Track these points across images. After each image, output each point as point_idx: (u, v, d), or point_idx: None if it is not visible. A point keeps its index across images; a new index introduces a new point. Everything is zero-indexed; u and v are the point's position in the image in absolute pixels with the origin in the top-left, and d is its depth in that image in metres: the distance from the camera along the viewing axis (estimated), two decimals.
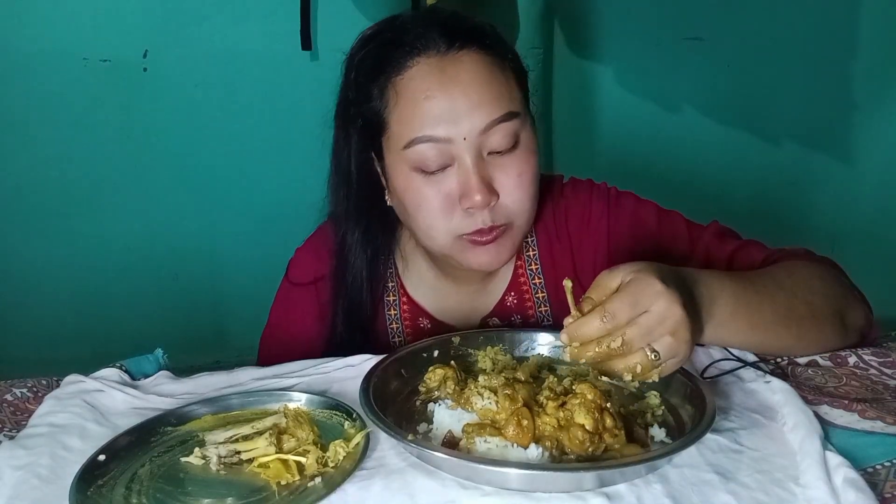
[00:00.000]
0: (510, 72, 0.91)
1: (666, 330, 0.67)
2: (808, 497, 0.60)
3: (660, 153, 2.65)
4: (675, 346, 0.67)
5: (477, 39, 0.89)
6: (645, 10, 2.57)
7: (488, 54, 0.89)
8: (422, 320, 1.06)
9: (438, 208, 0.89)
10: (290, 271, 1.11)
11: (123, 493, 0.64)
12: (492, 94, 0.87)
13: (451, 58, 0.87)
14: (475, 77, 0.86)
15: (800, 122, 2.69)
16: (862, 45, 2.62)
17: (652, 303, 0.66)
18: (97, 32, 2.28)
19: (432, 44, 0.88)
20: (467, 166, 0.86)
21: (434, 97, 0.86)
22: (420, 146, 0.87)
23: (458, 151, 0.86)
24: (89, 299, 2.44)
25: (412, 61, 0.88)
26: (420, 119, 0.86)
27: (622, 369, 0.68)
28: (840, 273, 0.94)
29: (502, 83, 0.89)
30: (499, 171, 0.88)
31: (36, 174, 2.34)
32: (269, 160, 2.44)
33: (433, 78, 0.86)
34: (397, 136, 0.89)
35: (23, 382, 0.87)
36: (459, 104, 0.85)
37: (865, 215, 2.72)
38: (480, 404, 0.68)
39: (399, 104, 0.88)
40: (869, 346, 0.89)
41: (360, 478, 0.64)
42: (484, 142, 0.87)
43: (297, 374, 0.86)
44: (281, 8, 2.36)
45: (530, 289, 1.05)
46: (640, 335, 0.66)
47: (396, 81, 0.88)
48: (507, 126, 0.87)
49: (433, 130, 0.86)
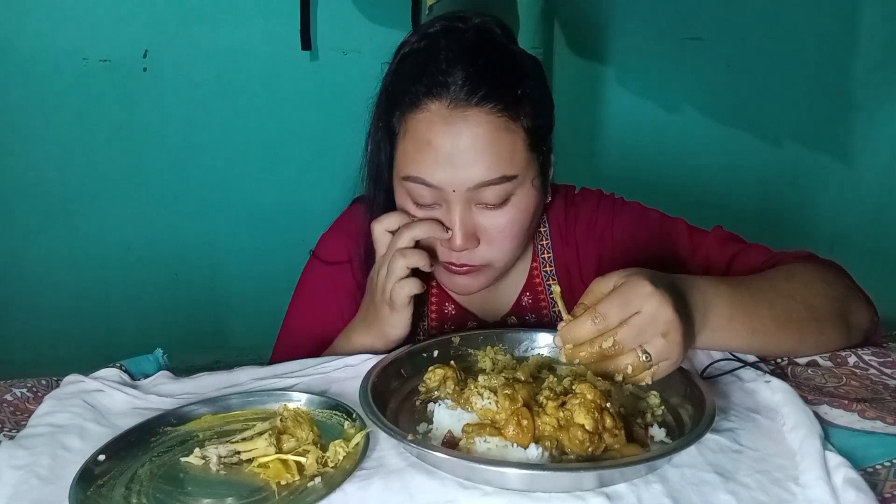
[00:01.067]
0: (521, 133, 0.90)
1: (657, 331, 0.68)
2: (808, 497, 0.60)
3: (660, 153, 2.65)
4: (667, 347, 0.68)
5: (495, 97, 0.88)
6: (645, 10, 2.58)
7: (501, 116, 0.88)
8: (447, 305, 1.08)
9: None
10: (319, 252, 1.11)
11: (123, 493, 0.64)
12: (490, 158, 0.88)
13: (462, 112, 0.87)
14: (478, 139, 0.87)
15: (800, 122, 2.70)
16: (862, 45, 2.63)
17: (642, 304, 0.68)
18: (97, 32, 2.28)
19: (451, 90, 0.88)
20: (454, 214, 0.90)
21: (436, 148, 0.88)
22: (415, 184, 0.91)
23: (448, 198, 0.90)
24: (89, 299, 2.44)
25: (426, 104, 0.89)
26: (419, 161, 0.89)
27: (613, 370, 0.69)
28: (844, 275, 0.95)
29: (506, 147, 0.89)
30: (485, 221, 0.91)
31: (36, 174, 2.34)
32: (269, 160, 2.44)
33: (438, 129, 0.88)
34: (400, 164, 0.93)
35: (23, 382, 0.87)
36: (457, 160, 0.87)
37: (865, 215, 2.72)
38: (480, 404, 0.68)
39: (406, 139, 0.91)
40: (867, 344, 0.90)
41: (360, 478, 0.64)
42: (474, 196, 0.90)
43: (296, 374, 0.87)
44: (281, 8, 2.36)
45: (545, 289, 1.07)
46: (630, 336, 0.68)
47: (409, 117, 0.91)
48: (498, 188, 0.89)
49: (428, 176, 0.89)
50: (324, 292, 1.09)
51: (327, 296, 1.09)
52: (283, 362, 0.90)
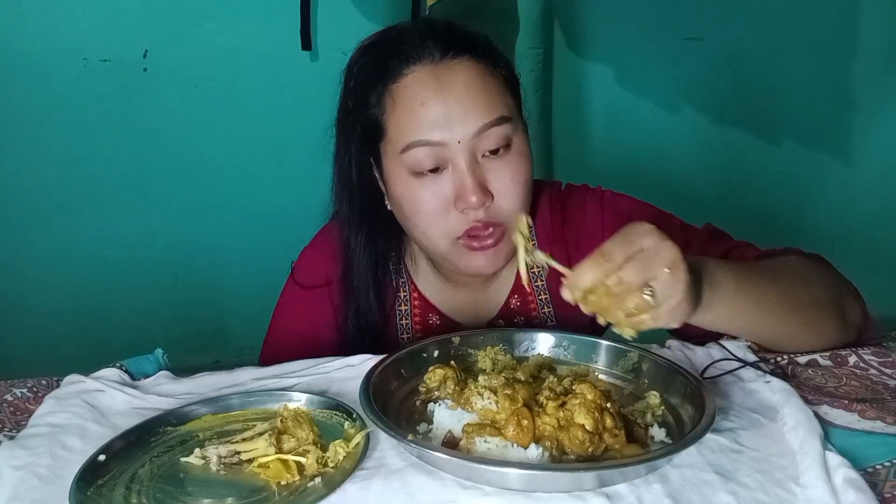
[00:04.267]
0: (502, 79, 0.94)
1: (662, 264, 0.66)
2: (808, 497, 0.60)
3: (659, 153, 2.65)
4: (671, 283, 0.67)
5: (470, 48, 0.92)
6: (645, 10, 2.58)
7: (481, 62, 0.92)
8: (431, 316, 1.07)
9: (434, 211, 0.91)
10: (297, 273, 1.09)
11: (123, 494, 0.64)
12: (484, 100, 0.90)
13: (446, 66, 0.90)
14: (468, 84, 0.90)
15: (800, 122, 2.70)
16: (862, 45, 2.62)
17: (644, 240, 0.67)
18: (97, 32, 2.28)
19: (427, 52, 0.91)
20: (462, 169, 0.89)
21: (429, 104, 0.89)
22: (416, 150, 0.90)
23: (452, 155, 0.89)
24: (89, 299, 2.44)
25: (408, 69, 0.91)
26: (416, 124, 0.90)
27: (620, 313, 0.67)
28: (833, 269, 0.95)
29: (494, 90, 0.92)
30: (492, 175, 0.91)
31: (36, 174, 2.34)
32: (269, 160, 2.44)
33: (428, 85, 0.90)
34: (394, 141, 0.92)
35: (23, 382, 0.87)
36: (453, 110, 0.89)
37: (865, 215, 2.72)
38: (480, 404, 0.68)
39: (396, 110, 0.91)
40: (867, 344, 0.89)
41: (360, 478, 0.64)
42: (477, 145, 0.90)
43: (297, 374, 0.87)
44: (281, 8, 2.36)
45: (533, 291, 1.06)
46: (635, 271, 0.66)
47: (393, 89, 0.92)
48: (499, 130, 0.90)
49: (428, 135, 0.89)
50: (300, 318, 1.08)
51: (303, 322, 1.07)
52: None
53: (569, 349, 0.86)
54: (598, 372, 0.83)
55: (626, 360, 0.83)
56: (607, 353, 0.84)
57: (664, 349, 0.90)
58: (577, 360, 0.85)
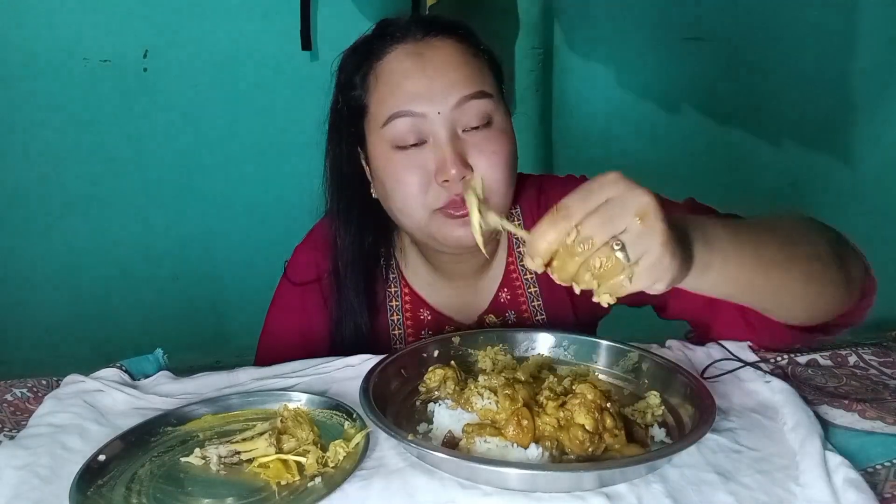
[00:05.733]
0: (484, 61, 0.96)
1: (631, 213, 0.56)
2: (808, 497, 0.60)
3: (659, 153, 2.65)
4: (645, 234, 0.56)
5: (451, 32, 0.95)
6: (645, 11, 2.57)
7: (462, 43, 0.95)
8: (422, 311, 1.07)
9: (415, 184, 0.91)
10: (289, 271, 1.10)
11: (123, 494, 0.64)
12: (465, 74, 0.92)
13: (427, 43, 0.93)
14: (449, 59, 0.92)
15: (800, 122, 2.69)
16: (862, 45, 2.62)
17: (609, 190, 0.57)
18: (97, 32, 2.28)
19: (410, 32, 0.94)
20: (442, 141, 0.90)
21: (411, 77, 0.91)
22: (397, 121, 0.91)
23: (433, 128, 0.90)
24: (89, 299, 2.44)
25: (391, 48, 0.94)
26: (397, 97, 0.91)
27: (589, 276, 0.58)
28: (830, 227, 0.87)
29: (475, 67, 0.94)
30: (473, 149, 0.91)
31: (36, 174, 2.34)
32: (269, 160, 2.44)
33: (410, 60, 0.92)
34: (376, 115, 0.94)
35: (23, 382, 0.87)
36: (435, 83, 0.90)
37: (865, 215, 2.72)
38: (480, 404, 0.68)
39: (378, 86, 0.93)
40: (867, 343, 0.89)
41: (360, 478, 0.64)
42: (458, 118, 0.91)
43: (297, 374, 0.87)
44: (281, 8, 2.36)
45: (522, 284, 1.07)
46: (597, 224, 0.56)
47: (376, 66, 0.94)
48: (479, 103, 0.91)
49: (409, 106, 0.90)
50: (296, 312, 1.08)
51: (300, 315, 1.08)
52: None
53: (569, 349, 0.86)
54: (598, 372, 0.83)
55: (626, 360, 0.83)
56: (607, 353, 0.84)
57: (664, 349, 0.91)
58: (577, 360, 0.86)
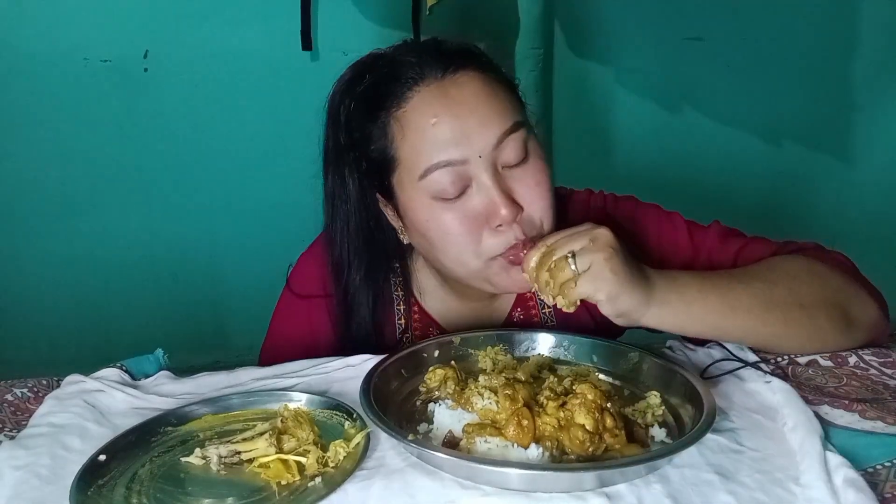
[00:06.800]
0: (505, 85, 0.91)
1: (587, 237, 0.76)
2: (808, 497, 0.60)
3: (660, 153, 2.65)
4: (592, 251, 0.76)
5: (469, 60, 0.89)
6: (645, 10, 2.57)
7: (483, 72, 0.88)
8: (432, 330, 1.04)
9: (466, 233, 0.86)
10: (293, 282, 1.07)
11: (123, 494, 0.64)
12: (497, 109, 0.86)
13: (451, 81, 0.86)
14: (478, 94, 0.86)
15: (800, 122, 2.69)
16: (862, 45, 2.62)
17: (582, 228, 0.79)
18: (97, 32, 2.28)
19: (428, 71, 0.86)
20: (487, 184, 0.84)
21: (442, 121, 0.84)
22: (436, 173, 0.84)
23: (474, 171, 0.85)
24: (89, 299, 2.44)
25: (411, 92, 0.86)
26: (431, 146, 0.84)
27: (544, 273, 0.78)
28: (848, 267, 0.92)
29: (502, 97, 0.88)
30: (516, 184, 0.86)
31: (36, 174, 2.34)
32: (269, 160, 2.44)
33: (437, 103, 0.85)
34: (410, 168, 0.87)
35: (23, 382, 0.87)
36: (468, 123, 0.84)
37: (865, 215, 2.72)
38: (481, 404, 0.68)
39: (407, 137, 0.86)
40: (870, 346, 0.89)
41: (361, 478, 0.64)
42: (498, 156, 0.85)
43: (297, 374, 0.87)
44: (281, 8, 2.36)
45: (536, 304, 1.04)
46: (562, 242, 0.78)
47: (399, 115, 0.87)
48: (516, 137, 0.86)
49: (447, 154, 0.84)
50: (297, 326, 1.06)
51: (301, 330, 1.05)
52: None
53: (569, 349, 0.86)
54: (598, 372, 0.83)
55: (627, 361, 0.83)
56: (607, 353, 0.84)
57: (664, 349, 0.90)
58: (578, 360, 0.86)
